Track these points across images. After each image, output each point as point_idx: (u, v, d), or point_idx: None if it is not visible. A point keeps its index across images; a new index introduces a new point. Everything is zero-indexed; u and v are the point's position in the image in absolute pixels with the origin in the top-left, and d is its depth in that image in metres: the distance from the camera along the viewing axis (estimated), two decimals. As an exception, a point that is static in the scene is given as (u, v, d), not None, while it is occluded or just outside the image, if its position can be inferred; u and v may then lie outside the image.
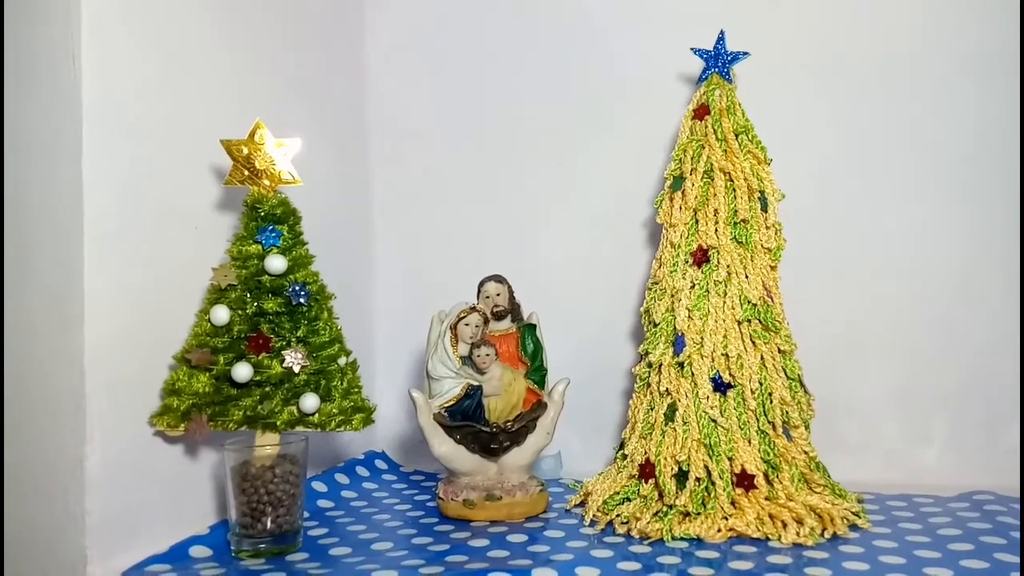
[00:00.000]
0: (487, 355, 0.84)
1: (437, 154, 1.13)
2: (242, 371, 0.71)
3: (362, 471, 1.01)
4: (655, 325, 0.86)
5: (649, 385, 0.86)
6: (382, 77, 1.15)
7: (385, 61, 1.14)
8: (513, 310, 0.89)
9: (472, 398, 0.83)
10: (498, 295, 0.88)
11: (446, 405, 0.83)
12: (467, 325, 0.85)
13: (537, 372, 0.87)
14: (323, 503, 0.89)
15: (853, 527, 0.74)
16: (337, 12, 1.09)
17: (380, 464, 1.05)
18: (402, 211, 1.15)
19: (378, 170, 1.15)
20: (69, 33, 0.67)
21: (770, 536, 0.72)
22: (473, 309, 0.85)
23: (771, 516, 0.74)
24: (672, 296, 0.85)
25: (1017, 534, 0.70)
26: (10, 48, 0.68)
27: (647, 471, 0.80)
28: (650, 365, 0.85)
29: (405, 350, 1.12)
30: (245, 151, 0.75)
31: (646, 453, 0.82)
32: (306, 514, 0.80)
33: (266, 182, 0.76)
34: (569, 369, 0.88)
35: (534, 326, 0.89)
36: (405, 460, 1.09)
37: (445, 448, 0.83)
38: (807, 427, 0.82)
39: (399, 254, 1.15)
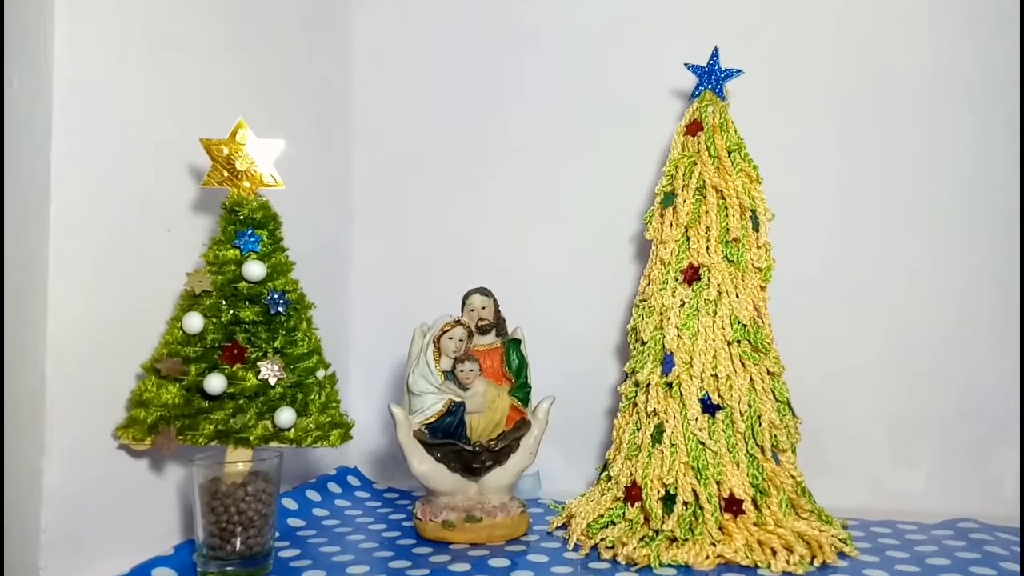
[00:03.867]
0: (471, 370, 0.81)
1: (421, 163, 1.10)
2: (215, 382, 0.68)
3: (334, 488, 0.98)
4: (643, 343, 0.84)
5: (635, 405, 0.84)
6: (367, 83, 1.12)
7: (371, 67, 1.12)
8: (498, 324, 0.86)
9: (454, 415, 0.81)
10: (483, 308, 0.85)
11: (427, 422, 0.80)
12: (451, 339, 0.82)
13: (521, 389, 0.85)
14: (294, 522, 0.86)
15: (841, 554, 0.73)
16: (323, 14, 1.07)
17: (353, 480, 1.02)
18: (383, 220, 1.12)
19: (359, 177, 1.12)
20: (41, 20, 0.63)
21: (759, 564, 0.70)
22: (457, 322, 0.82)
23: (760, 543, 0.72)
24: (661, 314, 0.83)
25: (1007, 565, 0.69)
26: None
27: (633, 494, 0.78)
28: (637, 384, 0.84)
29: (381, 363, 1.09)
30: (226, 151, 0.72)
31: (632, 475, 0.79)
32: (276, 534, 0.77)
33: (246, 184, 0.72)
34: (551, 386, 0.86)
35: (519, 341, 0.86)
36: (378, 477, 1.06)
37: (425, 466, 0.80)
38: (794, 451, 0.81)
39: (378, 263, 1.12)
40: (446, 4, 1.10)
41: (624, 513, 0.78)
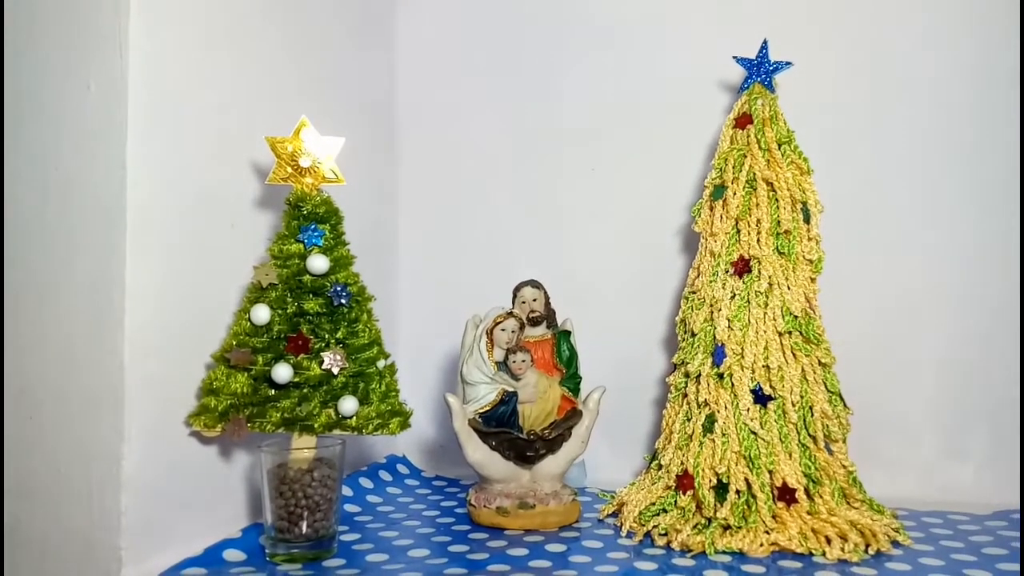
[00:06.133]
0: (523, 361, 0.83)
1: (467, 157, 1.12)
2: (282, 372, 0.70)
3: (385, 475, 1.00)
4: (693, 335, 0.85)
5: (685, 395, 0.85)
6: (412, 78, 1.14)
7: (416, 61, 1.13)
8: (548, 316, 0.88)
9: (508, 404, 0.82)
10: (534, 300, 0.87)
11: (481, 411, 0.82)
12: (503, 330, 0.83)
13: (572, 379, 0.86)
14: (350, 507, 0.88)
15: (894, 543, 0.73)
16: (368, 11, 1.08)
17: (402, 469, 1.04)
18: (428, 215, 1.13)
19: (405, 172, 1.14)
20: (117, 25, 0.66)
21: (814, 551, 0.71)
22: (510, 314, 0.84)
23: (814, 531, 0.73)
24: (711, 306, 0.84)
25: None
26: (58, 38, 0.67)
27: (685, 483, 0.79)
28: (687, 375, 0.85)
29: (426, 355, 1.11)
30: (290, 148, 0.74)
31: (683, 464, 0.81)
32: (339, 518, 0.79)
33: (309, 180, 0.74)
34: (597, 377, 0.87)
35: (569, 332, 0.88)
36: (427, 465, 1.08)
37: (479, 454, 0.82)
38: (845, 441, 0.81)
39: (424, 257, 1.14)
40: (489, -1, 1.11)
41: (676, 501, 0.79)
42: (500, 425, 0.82)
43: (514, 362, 0.83)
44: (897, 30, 0.97)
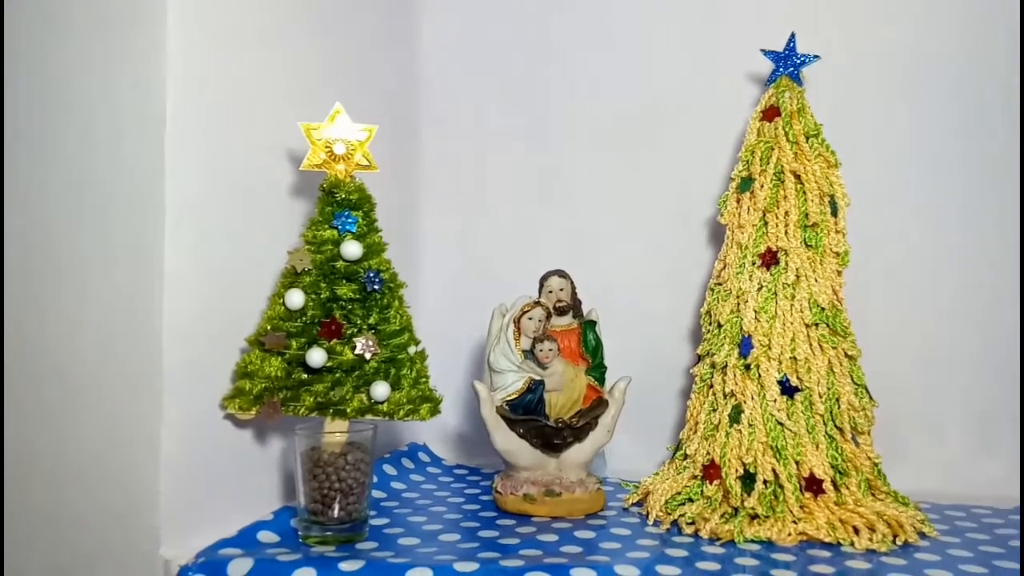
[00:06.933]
0: (550, 350, 0.84)
1: (490, 149, 1.12)
2: (316, 356, 0.71)
3: (407, 463, 1.01)
4: (719, 326, 0.86)
5: (711, 386, 0.85)
6: (437, 68, 1.14)
7: (441, 51, 1.14)
8: (575, 306, 0.88)
9: (534, 393, 0.83)
10: (561, 290, 0.87)
11: (509, 399, 0.83)
12: (530, 319, 0.84)
13: (598, 369, 0.87)
14: (375, 493, 0.89)
15: (921, 535, 0.74)
16: (394, 9, 1.08)
17: (423, 457, 1.05)
18: (454, 205, 1.14)
19: (428, 163, 1.14)
20: (155, 14, 0.66)
21: (842, 541, 0.71)
22: (537, 303, 0.85)
23: (841, 521, 0.73)
24: (738, 297, 0.84)
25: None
26: (97, 27, 0.68)
27: (712, 472, 0.80)
28: (713, 366, 0.85)
29: (450, 344, 1.11)
30: (324, 135, 0.74)
31: (709, 454, 0.81)
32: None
33: (342, 167, 0.75)
34: (622, 368, 0.88)
35: (595, 322, 0.88)
36: (448, 454, 1.09)
37: (507, 442, 0.82)
38: (870, 433, 0.82)
39: (449, 247, 1.14)
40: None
41: (702, 490, 0.79)
42: (527, 413, 0.83)
43: (541, 351, 0.83)
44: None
